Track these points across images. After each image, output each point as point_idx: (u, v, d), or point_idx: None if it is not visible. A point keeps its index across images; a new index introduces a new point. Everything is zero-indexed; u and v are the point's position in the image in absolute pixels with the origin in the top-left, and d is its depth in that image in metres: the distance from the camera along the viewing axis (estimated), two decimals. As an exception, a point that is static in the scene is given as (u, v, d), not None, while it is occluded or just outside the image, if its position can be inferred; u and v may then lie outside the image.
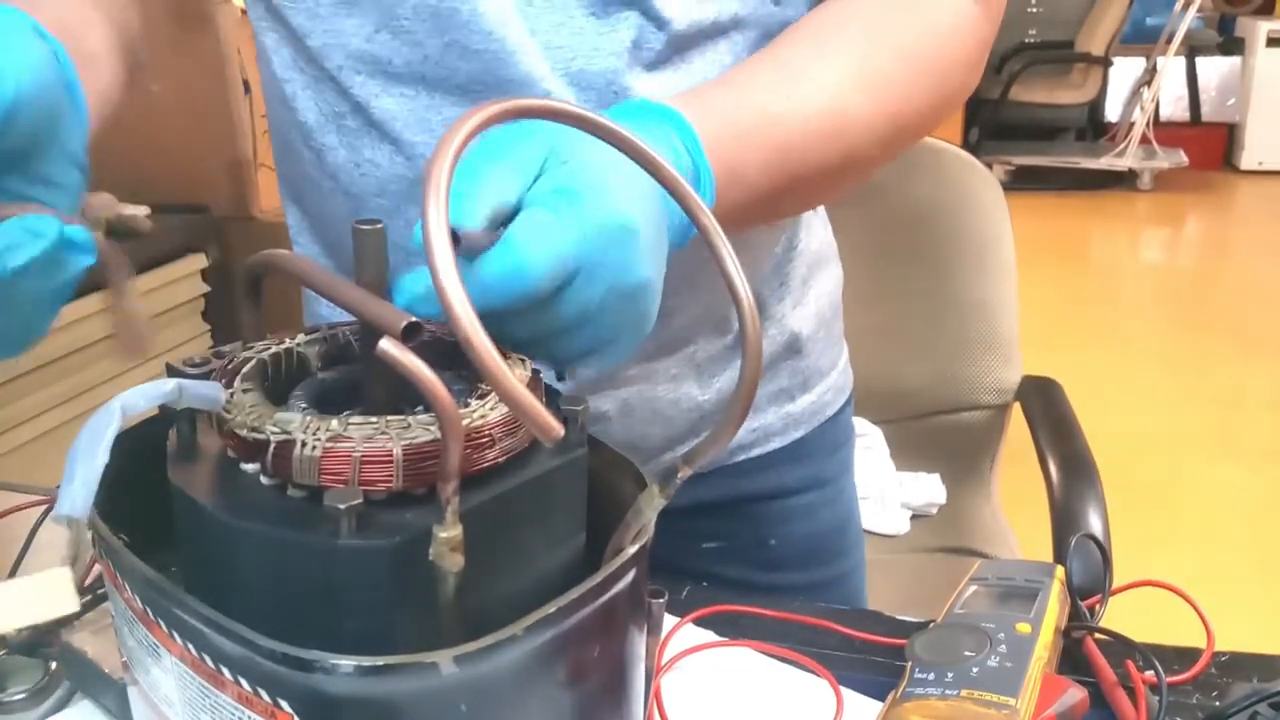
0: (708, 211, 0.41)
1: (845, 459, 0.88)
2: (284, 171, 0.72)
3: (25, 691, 0.57)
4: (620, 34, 0.60)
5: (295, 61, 0.64)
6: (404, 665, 0.33)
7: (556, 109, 0.40)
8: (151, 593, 0.36)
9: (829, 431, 0.83)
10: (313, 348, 0.45)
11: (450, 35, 0.59)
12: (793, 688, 0.60)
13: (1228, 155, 6.19)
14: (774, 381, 0.78)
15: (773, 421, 0.79)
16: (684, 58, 0.62)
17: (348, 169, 0.64)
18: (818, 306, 0.80)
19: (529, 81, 0.60)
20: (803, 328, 0.78)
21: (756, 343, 0.38)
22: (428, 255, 0.32)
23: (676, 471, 0.40)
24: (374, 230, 0.40)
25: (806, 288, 0.79)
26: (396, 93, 0.61)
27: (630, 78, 0.61)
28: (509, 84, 0.60)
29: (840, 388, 0.85)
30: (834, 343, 0.84)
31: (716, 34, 0.63)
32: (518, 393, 0.32)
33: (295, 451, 0.37)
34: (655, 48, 0.61)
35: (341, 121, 0.63)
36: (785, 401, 0.79)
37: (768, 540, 0.81)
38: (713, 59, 0.63)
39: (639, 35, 0.60)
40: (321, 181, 0.66)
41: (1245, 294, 4.22)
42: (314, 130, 0.65)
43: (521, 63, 0.59)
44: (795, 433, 0.80)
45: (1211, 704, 0.58)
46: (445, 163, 0.34)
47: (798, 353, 0.79)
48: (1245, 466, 2.82)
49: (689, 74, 0.62)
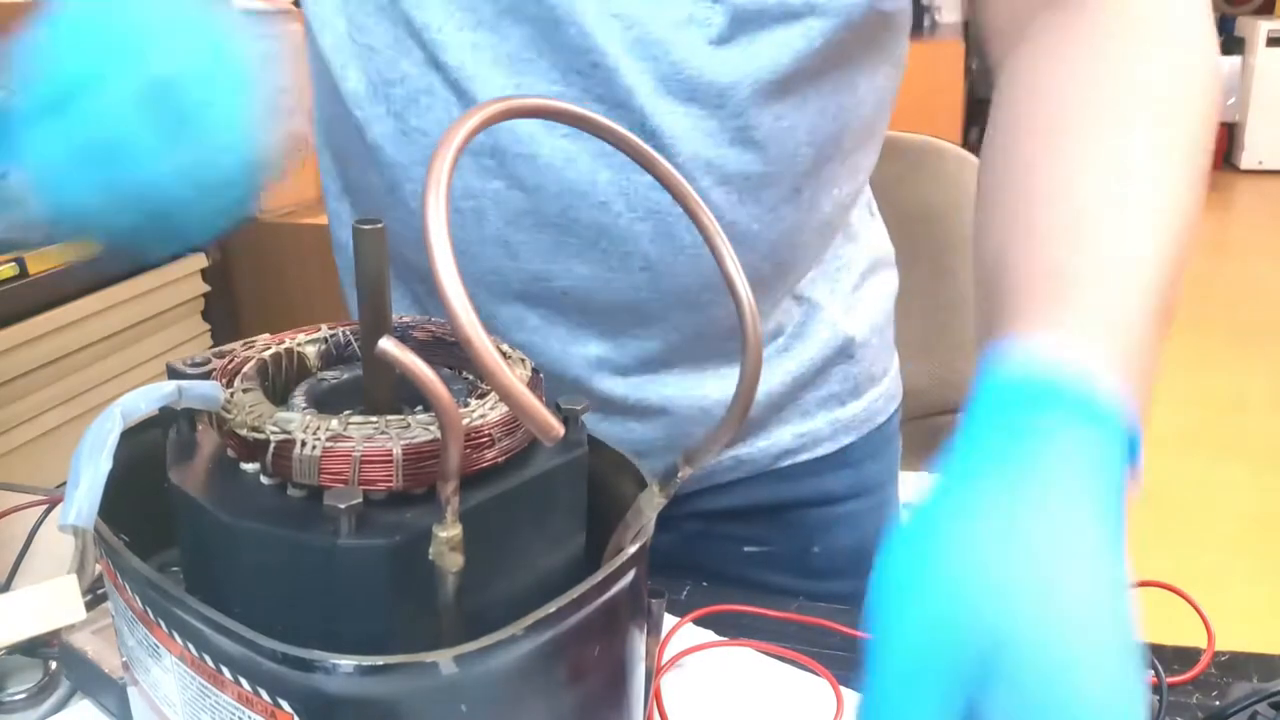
0: (707, 211, 0.41)
1: (892, 467, 0.85)
2: (330, 156, 0.71)
3: (25, 691, 0.57)
4: (678, 5, 0.58)
5: (349, 34, 0.64)
6: (404, 665, 0.33)
7: (557, 109, 0.40)
8: (151, 593, 0.36)
9: (877, 439, 0.81)
10: (313, 347, 0.45)
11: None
12: (793, 688, 0.60)
13: (1228, 155, 6.19)
14: (824, 386, 0.76)
15: (821, 427, 0.77)
16: (751, 38, 0.59)
17: (394, 138, 0.64)
18: (871, 311, 0.78)
19: (589, 47, 0.58)
20: (856, 332, 0.76)
21: (757, 343, 0.38)
22: (428, 254, 0.32)
23: (677, 471, 0.40)
24: (374, 230, 0.40)
25: (859, 292, 0.77)
26: (464, 45, 0.60)
27: (687, 51, 0.58)
28: (563, 49, 0.58)
29: (891, 395, 0.83)
30: (886, 349, 0.82)
31: (787, 17, 0.59)
32: (518, 392, 0.32)
33: (295, 451, 0.37)
34: (715, 22, 0.58)
35: (390, 90, 0.63)
36: (835, 407, 0.77)
37: (811, 547, 0.80)
38: (784, 42, 0.59)
39: (694, 9, 0.58)
40: (365, 152, 0.66)
41: (1245, 294, 4.22)
42: (363, 100, 0.64)
43: (586, 29, 0.58)
44: (844, 439, 0.78)
45: (1211, 704, 0.58)
46: (446, 162, 0.34)
47: (850, 357, 0.76)
48: (1245, 466, 2.82)
49: (755, 55, 0.59)
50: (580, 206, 0.61)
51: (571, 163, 0.60)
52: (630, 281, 0.64)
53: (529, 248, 0.63)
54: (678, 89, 0.59)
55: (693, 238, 0.61)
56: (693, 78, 0.59)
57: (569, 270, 0.63)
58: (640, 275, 0.63)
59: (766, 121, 0.61)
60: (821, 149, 0.64)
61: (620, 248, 0.62)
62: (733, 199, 0.62)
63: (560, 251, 0.63)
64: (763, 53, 0.59)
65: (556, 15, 0.58)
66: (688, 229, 0.61)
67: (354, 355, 0.46)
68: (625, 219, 0.61)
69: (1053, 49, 0.52)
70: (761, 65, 0.59)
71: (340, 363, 0.46)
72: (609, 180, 0.60)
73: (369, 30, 0.63)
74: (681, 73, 0.58)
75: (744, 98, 0.59)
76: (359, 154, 0.66)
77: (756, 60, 0.59)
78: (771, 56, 0.59)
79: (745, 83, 0.59)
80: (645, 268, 0.63)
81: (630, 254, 0.62)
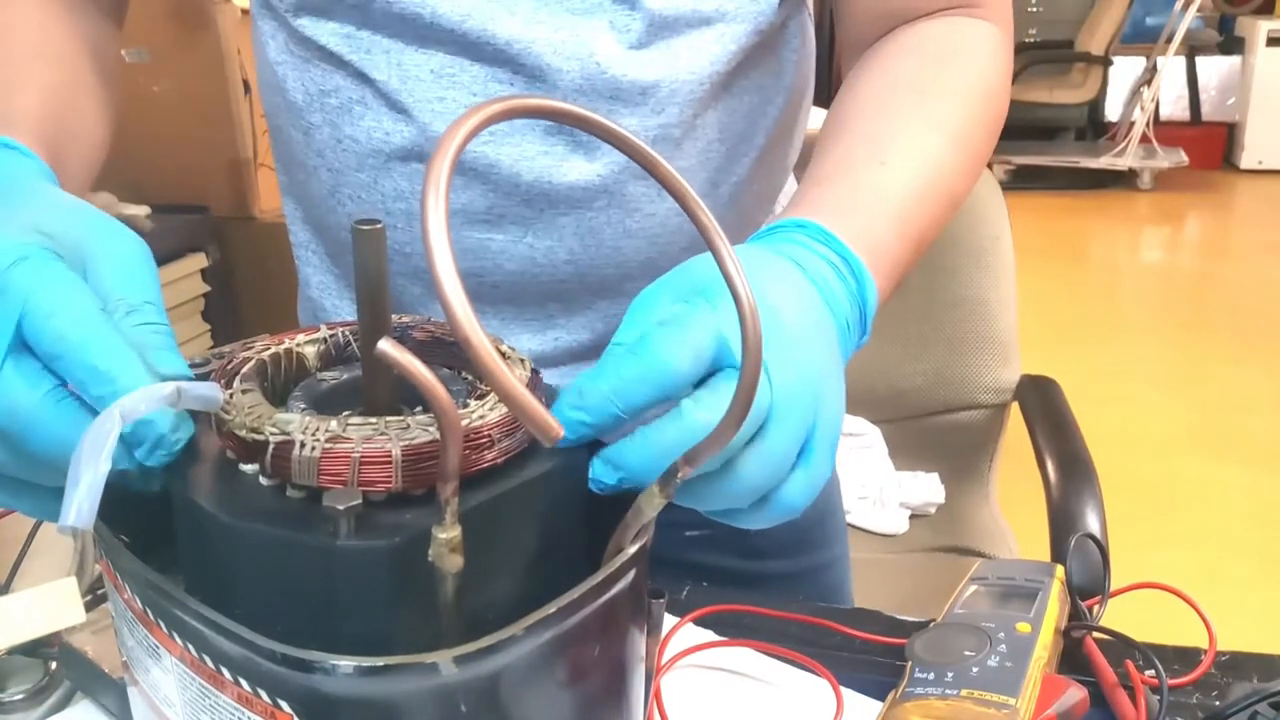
0: (707, 212, 0.41)
1: None
2: (280, 160, 0.75)
3: (25, 691, 0.57)
4: (599, 13, 0.62)
5: (288, 45, 0.68)
6: (404, 665, 0.33)
7: (558, 109, 0.40)
8: (151, 593, 0.36)
9: None
10: (312, 348, 0.45)
11: None
12: (793, 688, 0.60)
13: (1228, 155, 6.19)
14: None
15: None
16: (669, 43, 0.64)
17: (331, 145, 0.67)
18: None
19: (512, 43, 0.61)
20: None
21: (756, 343, 0.38)
22: (427, 254, 0.32)
23: (677, 471, 0.40)
24: (374, 230, 0.40)
25: None
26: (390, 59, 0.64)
27: (608, 56, 0.62)
28: (486, 46, 0.62)
29: None
30: None
31: (700, 23, 0.64)
32: (517, 393, 0.32)
33: (294, 452, 0.37)
34: (634, 29, 0.63)
35: (325, 100, 0.66)
36: None
37: (748, 530, 0.81)
38: (700, 46, 0.64)
39: (614, 17, 0.62)
40: (308, 160, 0.69)
41: (1245, 294, 4.22)
42: (302, 110, 0.68)
43: (500, 45, 0.62)
44: None
45: (1211, 704, 0.58)
46: (446, 161, 0.34)
47: None
48: (1245, 466, 2.82)
49: (673, 59, 0.64)
50: (506, 204, 0.64)
51: (495, 166, 0.63)
52: (555, 274, 0.67)
53: (461, 244, 0.66)
54: (602, 86, 0.62)
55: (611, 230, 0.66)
56: (616, 77, 0.62)
57: (499, 266, 0.66)
58: (565, 268, 0.66)
59: (685, 119, 0.65)
60: (734, 146, 0.69)
61: (544, 240, 0.66)
62: (652, 193, 0.66)
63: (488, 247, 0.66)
64: (680, 56, 0.64)
65: (470, 40, 0.62)
66: (607, 222, 0.66)
67: (353, 356, 0.46)
68: (548, 214, 0.65)
69: (873, 64, 0.68)
70: (679, 67, 0.64)
71: (339, 363, 0.46)
72: (534, 178, 0.64)
73: (305, 44, 0.66)
74: (606, 72, 0.62)
75: (663, 97, 0.64)
76: (300, 159, 0.70)
77: (675, 63, 0.64)
78: (688, 60, 0.64)
79: (665, 83, 0.63)
80: (569, 260, 0.66)
81: (555, 247, 0.66)
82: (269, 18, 0.69)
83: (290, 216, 0.76)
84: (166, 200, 2.05)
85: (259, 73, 0.72)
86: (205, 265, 2.06)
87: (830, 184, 0.59)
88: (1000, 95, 0.68)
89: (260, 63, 0.71)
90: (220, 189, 2.13)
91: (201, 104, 2.05)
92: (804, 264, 0.51)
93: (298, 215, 0.76)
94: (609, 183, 0.64)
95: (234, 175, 2.12)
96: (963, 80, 0.66)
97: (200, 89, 2.04)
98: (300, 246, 0.76)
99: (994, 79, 0.67)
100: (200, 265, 2.05)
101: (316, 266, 0.76)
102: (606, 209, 0.65)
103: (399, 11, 0.62)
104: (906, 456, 1.57)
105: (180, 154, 2.11)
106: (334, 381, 0.44)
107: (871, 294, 0.54)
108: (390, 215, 0.66)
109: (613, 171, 0.64)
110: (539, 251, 0.66)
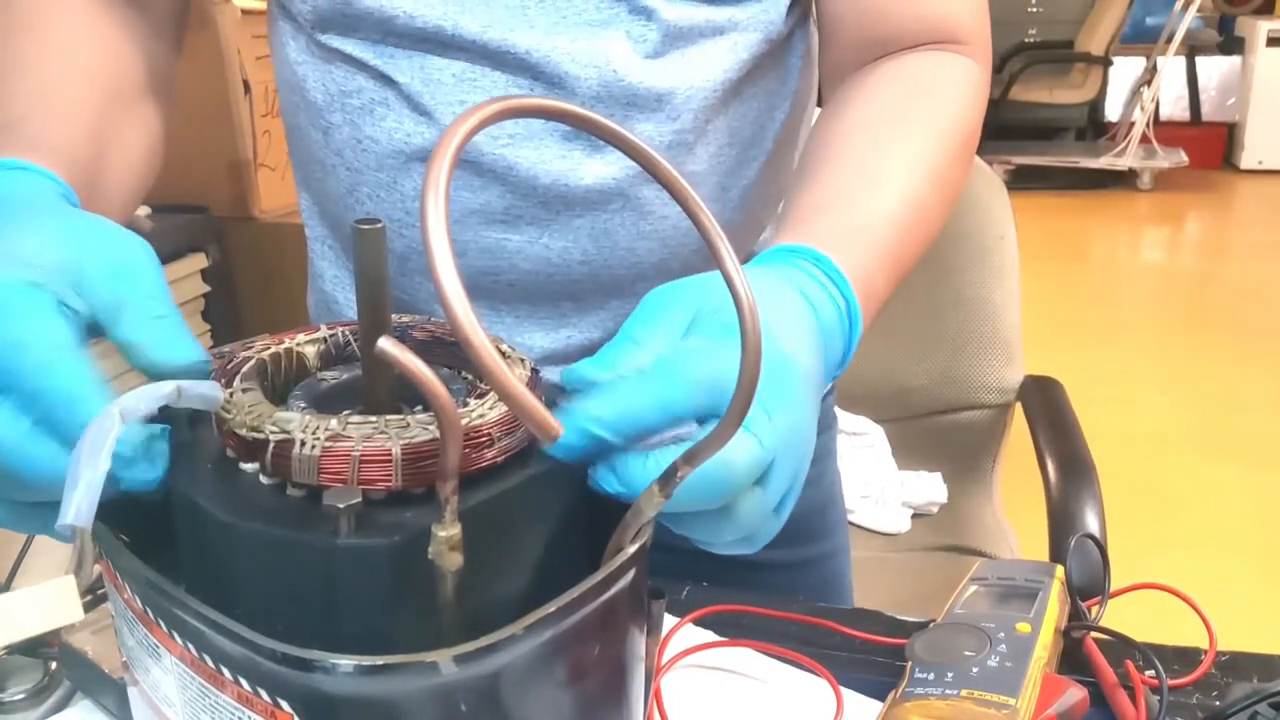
0: (708, 213, 0.41)
1: (828, 444, 0.89)
2: (296, 157, 0.75)
3: (25, 691, 0.57)
4: (616, 25, 0.63)
5: (308, 46, 0.68)
6: (404, 665, 0.33)
7: (558, 109, 0.40)
8: (151, 593, 0.36)
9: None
10: (312, 347, 0.45)
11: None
12: (793, 688, 0.60)
13: (1228, 155, 6.19)
14: None
15: None
16: (683, 52, 0.65)
17: (350, 145, 0.68)
18: None
19: (531, 52, 0.62)
20: None
21: (756, 343, 0.38)
22: (427, 255, 0.32)
23: (677, 471, 0.40)
24: (374, 230, 0.40)
25: None
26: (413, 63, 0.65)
27: (625, 64, 0.63)
28: (507, 55, 0.63)
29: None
30: None
31: (714, 32, 0.66)
32: (517, 392, 0.32)
33: (294, 451, 0.37)
34: (650, 39, 0.64)
35: (347, 100, 0.67)
36: None
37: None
38: (713, 55, 0.66)
39: (630, 28, 0.64)
40: (326, 159, 0.70)
41: (1245, 294, 4.22)
42: (322, 110, 0.68)
43: (520, 54, 0.63)
44: None
45: (1211, 704, 0.58)
46: (445, 161, 0.34)
47: None
48: (1245, 466, 2.82)
49: (688, 67, 0.65)
50: (523, 205, 0.65)
51: (513, 168, 0.64)
52: (570, 274, 0.67)
53: (478, 244, 0.66)
54: (619, 93, 0.63)
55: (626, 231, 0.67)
56: (633, 85, 0.63)
57: (514, 266, 0.67)
58: (580, 268, 0.67)
59: (698, 125, 0.66)
60: (743, 150, 0.70)
61: (560, 241, 0.66)
62: (665, 197, 0.66)
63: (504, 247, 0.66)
64: (694, 64, 0.65)
65: (491, 49, 0.63)
66: (621, 224, 0.66)
67: (353, 355, 0.46)
68: (564, 216, 0.65)
69: (858, 91, 0.69)
70: (692, 76, 0.65)
71: (339, 363, 0.46)
72: (552, 180, 0.64)
73: (326, 48, 0.67)
74: (623, 80, 0.63)
75: (677, 104, 0.65)
76: (319, 157, 0.71)
77: (689, 71, 0.65)
78: (702, 68, 0.65)
79: (679, 91, 0.65)
80: (584, 260, 0.67)
81: (570, 247, 0.66)
82: (288, 19, 0.69)
83: (306, 211, 0.77)
84: (166, 200, 2.05)
85: (276, 71, 0.73)
86: (205, 265, 2.05)
87: (834, 215, 0.60)
88: (975, 135, 0.69)
89: (279, 61, 0.72)
90: (220, 189, 2.12)
91: (201, 104, 2.05)
92: (818, 308, 0.51)
93: (314, 211, 0.76)
94: (624, 186, 0.65)
95: (234, 175, 2.12)
96: (945, 117, 0.67)
97: (200, 89, 2.03)
98: (315, 240, 0.77)
99: (971, 120, 0.69)
100: (200, 265, 2.05)
101: (331, 261, 0.76)
102: (621, 211, 0.66)
103: (421, 26, 0.63)
104: (909, 456, 1.57)
105: (180, 154, 2.10)
106: (334, 381, 0.44)
107: (857, 339, 0.54)
108: (410, 215, 0.67)
109: (628, 175, 0.65)
110: (554, 252, 0.66)
